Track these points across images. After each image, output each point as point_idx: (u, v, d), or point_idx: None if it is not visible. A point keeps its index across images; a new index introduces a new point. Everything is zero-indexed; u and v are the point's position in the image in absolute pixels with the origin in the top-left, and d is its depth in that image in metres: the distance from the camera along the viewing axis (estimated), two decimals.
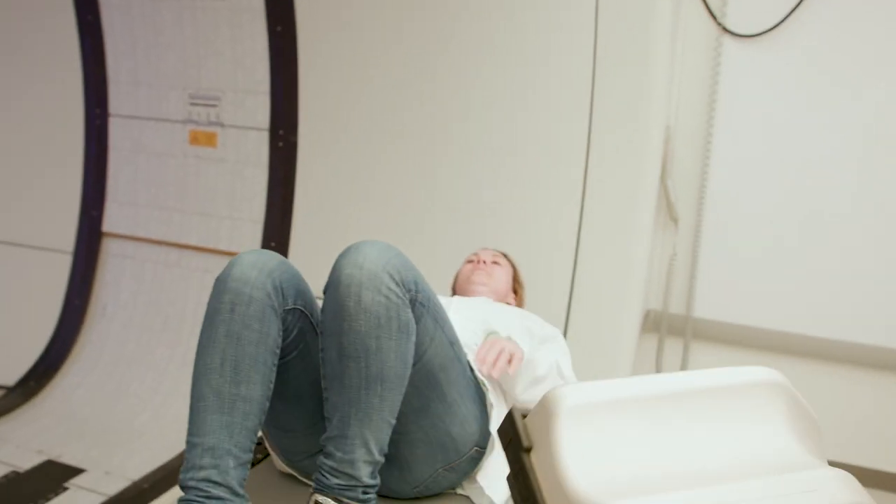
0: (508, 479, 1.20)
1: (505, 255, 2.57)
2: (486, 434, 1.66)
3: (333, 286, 1.44)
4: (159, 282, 3.74)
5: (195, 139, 3.63)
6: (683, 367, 3.28)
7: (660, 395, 1.23)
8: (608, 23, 2.99)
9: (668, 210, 3.23)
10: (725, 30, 3.07)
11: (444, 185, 3.29)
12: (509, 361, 1.73)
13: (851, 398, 3.08)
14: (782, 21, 2.97)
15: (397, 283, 1.43)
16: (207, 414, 1.41)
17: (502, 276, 2.40)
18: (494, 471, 1.69)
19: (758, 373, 1.30)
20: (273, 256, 1.53)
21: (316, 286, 3.35)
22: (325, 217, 3.48)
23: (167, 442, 3.20)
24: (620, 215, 3.11)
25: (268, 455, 1.90)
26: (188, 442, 1.42)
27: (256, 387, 1.44)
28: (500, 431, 1.23)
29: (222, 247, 3.60)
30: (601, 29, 3.00)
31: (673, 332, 3.31)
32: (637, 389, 1.24)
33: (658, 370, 3.33)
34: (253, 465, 1.86)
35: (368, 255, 1.43)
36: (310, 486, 1.49)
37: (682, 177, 3.23)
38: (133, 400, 3.56)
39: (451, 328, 1.61)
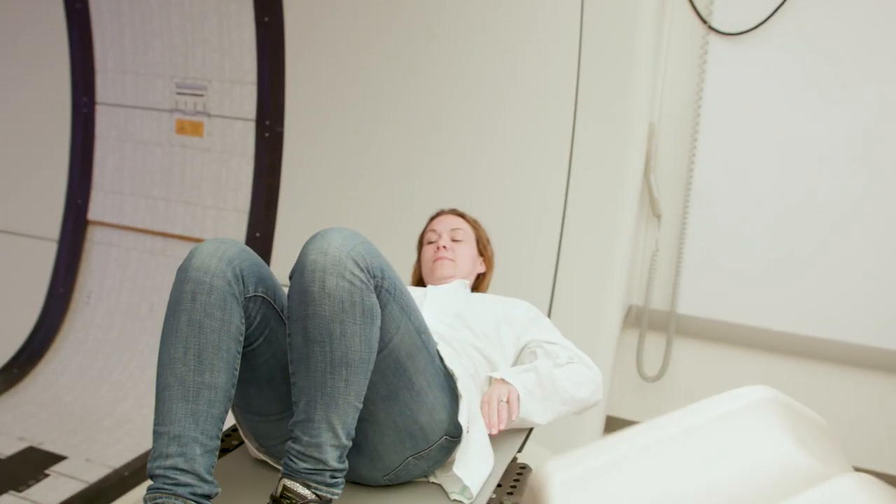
0: None
1: (462, 216, 2.49)
2: (455, 423, 1.67)
3: (298, 272, 1.46)
4: (144, 270, 3.75)
5: (181, 128, 3.64)
6: (665, 362, 3.29)
7: (653, 443, 1.18)
8: (593, 19, 3.00)
9: (651, 206, 3.25)
10: (711, 28, 3.08)
11: (429, 177, 3.30)
12: (507, 402, 1.79)
13: (837, 397, 3.10)
14: (767, 19, 2.98)
15: (361, 269, 1.44)
16: (172, 403, 1.42)
17: (466, 253, 2.36)
18: (469, 459, 1.70)
19: (750, 394, 1.24)
20: (233, 244, 1.54)
21: None
22: (311, 207, 3.49)
23: (149, 430, 3.20)
24: (603, 210, 3.12)
25: (241, 443, 1.91)
26: (155, 431, 1.43)
27: (221, 374, 1.45)
28: None
29: (207, 236, 3.61)
30: (586, 26, 3.00)
31: (655, 327, 3.32)
32: (626, 446, 1.19)
33: (639, 366, 3.34)
34: (227, 451, 1.87)
35: (333, 242, 1.44)
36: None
37: (667, 173, 3.24)
38: (116, 387, 3.57)
39: (418, 316, 1.62)
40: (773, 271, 3.12)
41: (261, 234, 3.52)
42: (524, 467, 1.89)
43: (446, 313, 1.98)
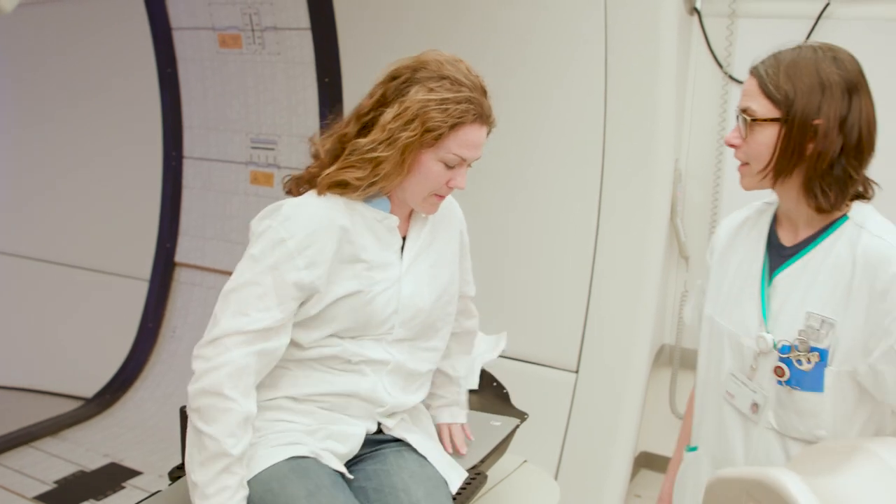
0: None
1: None
2: None
3: None
4: None
5: (255, 179, 4.03)
6: None
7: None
8: (617, 69, 3.19)
9: (679, 248, 3.38)
10: (731, 78, 3.22)
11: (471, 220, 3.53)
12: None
13: None
14: None
15: None
16: None
17: None
18: None
19: None
20: None
21: None
22: None
23: None
24: (632, 253, 3.26)
25: None
26: None
27: None
28: None
29: None
30: (611, 78, 3.19)
31: (686, 365, 3.42)
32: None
33: (672, 403, 3.45)
34: None
35: None
36: None
37: (693, 216, 3.37)
38: None
39: None
40: None
41: None
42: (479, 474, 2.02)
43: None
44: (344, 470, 1.61)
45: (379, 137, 1.52)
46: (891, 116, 2.97)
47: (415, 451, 1.72)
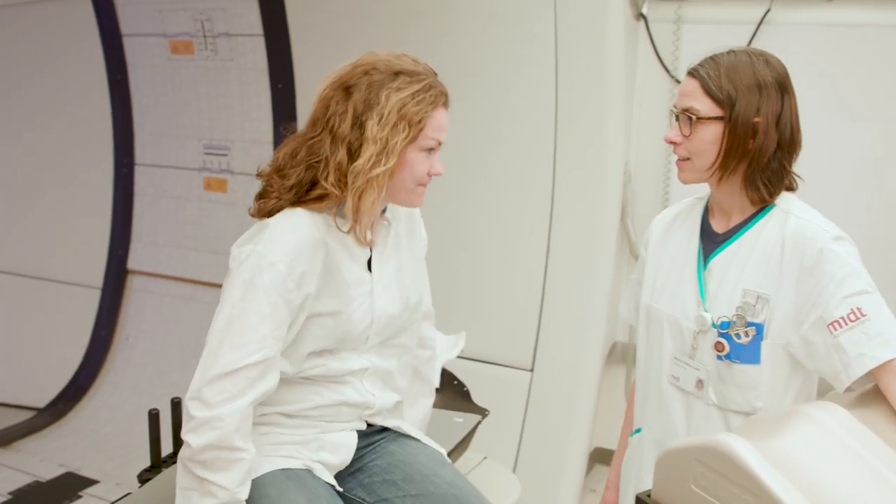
0: None
1: None
2: None
3: None
4: (176, 314, 4.13)
5: (209, 185, 4.03)
6: None
7: None
8: (568, 77, 3.26)
9: (629, 248, 3.46)
10: (678, 82, 3.31)
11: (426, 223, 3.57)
12: None
13: None
14: None
15: None
16: None
17: None
18: None
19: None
20: None
21: None
22: None
23: None
24: (584, 254, 3.34)
25: None
26: None
27: None
28: None
29: None
30: (561, 82, 3.26)
31: None
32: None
33: (626, 400, 3.52)
34: None
35: None
36: None
37: (643, 216, 3.45)
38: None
39: None
40: None
41: None
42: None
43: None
44: (335, 483, 1.63)
45: (374, 150, 1.50)
46: (828, 115, 3.10)
47: (405, 434, 1.76)
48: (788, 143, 1.61)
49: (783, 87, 1.60)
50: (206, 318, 4.24)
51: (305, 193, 1.54)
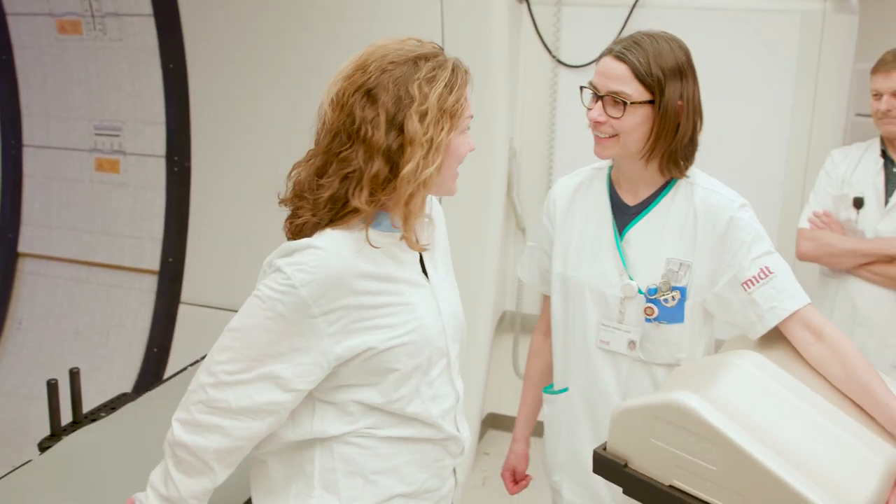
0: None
1: None
2: None
3: None
4: (70, 297, 4.09)
5: (100, 166, 4.00)
6: None
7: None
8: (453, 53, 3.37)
9: (516, 220, 3.62)
10: (559, 62, 3.48)
11: None
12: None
13: None
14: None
15: None
16: None
17: None
18: None
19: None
20: None
21: (208, 298, 3.69)
22: (218, 234, 3.84)
23: None
24: (473, 227, 3.47)
25: None
26: None
27: None
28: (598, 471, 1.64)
29: (126, 263, 3.98)
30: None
31: (527, 330, 3.67)
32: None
33: (515, 365, 3.70)
34: None
35: None
36: None
37: (530, 190, 3.62)
38: (45, 404, 3.88)
39: None
40: None
41: (173, 259, 3.87)
42: None
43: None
44: None
45: (421, 153, 1.38)
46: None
47: None
48: (699, 122, 1.79)
49: (692, 70, 1.77)
50: (100, 300, 4.24)
51: (342, 207, 1.42)
